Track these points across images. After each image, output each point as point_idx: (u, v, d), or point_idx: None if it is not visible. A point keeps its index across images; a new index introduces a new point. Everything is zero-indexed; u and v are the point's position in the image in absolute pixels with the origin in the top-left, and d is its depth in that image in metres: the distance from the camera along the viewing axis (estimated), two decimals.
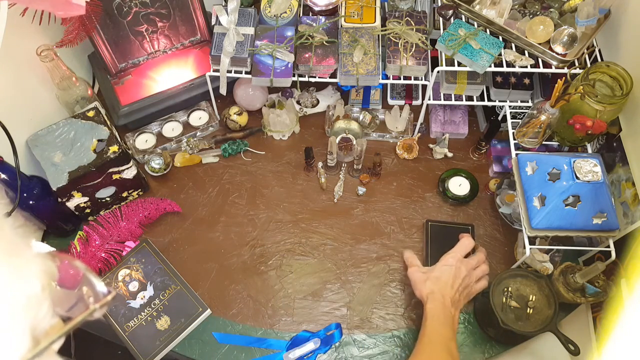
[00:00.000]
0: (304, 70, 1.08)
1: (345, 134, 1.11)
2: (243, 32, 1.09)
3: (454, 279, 0.89)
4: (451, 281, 0.89)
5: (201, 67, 1.20)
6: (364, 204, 1.11)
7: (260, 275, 1.03)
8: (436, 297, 0.87)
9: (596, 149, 1.01)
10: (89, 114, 1.02)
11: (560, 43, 0.98)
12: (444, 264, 0.92)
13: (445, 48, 1.00)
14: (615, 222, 0.87)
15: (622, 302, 0.82)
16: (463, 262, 0.92)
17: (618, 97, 0.88)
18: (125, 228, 1.04)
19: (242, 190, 1.13)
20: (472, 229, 1.05)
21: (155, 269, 1.01)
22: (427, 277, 0.90)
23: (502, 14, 1.02)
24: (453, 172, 1.12)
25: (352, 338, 0.96)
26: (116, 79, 1.18)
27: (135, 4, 1.08)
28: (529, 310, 0.88)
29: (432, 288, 0.88)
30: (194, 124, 1.19)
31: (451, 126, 1.18)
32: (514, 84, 1.11)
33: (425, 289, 0.88)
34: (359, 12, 1.12)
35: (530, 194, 0.90)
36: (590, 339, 0.87)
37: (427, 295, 0.87)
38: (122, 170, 1.01)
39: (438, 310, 0.85)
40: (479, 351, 0.95)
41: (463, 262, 0.92)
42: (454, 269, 0.90)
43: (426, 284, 0.89)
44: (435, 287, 0.88)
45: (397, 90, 1.24)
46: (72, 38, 1.02)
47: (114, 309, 0.97)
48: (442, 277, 0.89)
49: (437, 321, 0.84)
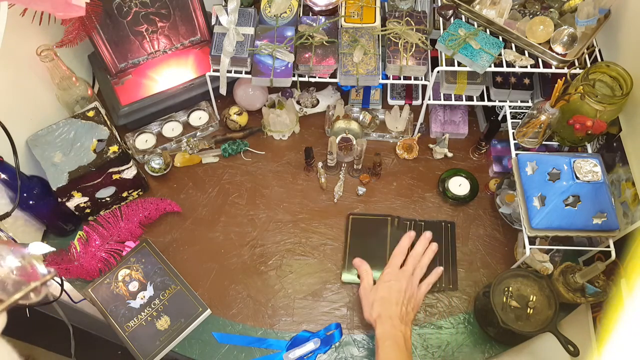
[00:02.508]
0: (304, 70, 1.08)
1: (345, 134, 1.11)
2: (243, 32, 1.09)
3: (397, 295, 0.89)
4: (394, 298, 0.88)
5: (201, 67, 1.20)
6: (364, 204, 1.11)
7: (260, 275, 1.03)
8: (384, 320, 0.86)
9: (596, 149, 1.01)
10: (89, 114, 1.02)
11: (560, 43, 0.98)
12: (384, 280, 0.91)
13: (445, 48, 1.00)
14: (615, 222, 0.87)
15: (622, 302, 0.82)
16: (400, 273, 0.92)
17: (618, 97, 0.88)
18: (125, 228, 1.04)
19: (242, 190, 1.13)
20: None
21: (155, 269, 1.01)
22: (373, 299, 0.89)
23: (502, 14, 1.02)
24: (453, 172, 1.12)
25: (352, 338, 0.96)
26: (116, 79, 1.18)
27: (135, 4, 1.08)
28: (529, 310, 0.88)
29: (379, 311, 0.87)
30: (194, 124, 1.19)
31: (451, 126, 1.18)
32: (514, 84, 1.11)
33: (373, 314, 0.87)
34: (359, 12, 1.12)
35: (530, 194, 0.90)
36: (590, 339, 0.87)
37: (375, 320, 0.87)
38: (122, 170, 1.01)
39: (388, 333, 0.84)
40: (479, 351, 0.95)
41: (400, 273, 0.92)
42: (394, 284, 0.90)
43: (373, 307, 0.88)
44: (382, 309, 0.87)
45: (397, 90, 1.24)
46: (72, 38, 1.02)
47: (114, 309, 0.97)
48: (386, 297, 0.88)
49: (390, 345, 0.83)
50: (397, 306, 0.87)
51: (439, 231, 1.06)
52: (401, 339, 0.83)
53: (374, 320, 0.87)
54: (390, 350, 0.82)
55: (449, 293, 1.00)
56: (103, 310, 0.97)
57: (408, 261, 0.95)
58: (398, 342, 0.83)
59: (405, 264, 0.94)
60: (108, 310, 0.97)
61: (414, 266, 0.94)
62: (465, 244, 1.05)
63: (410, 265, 0.94)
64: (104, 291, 0.99)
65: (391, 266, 0.94)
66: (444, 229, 1.06)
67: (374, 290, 0.91)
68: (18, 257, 0.33)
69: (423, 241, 0.98)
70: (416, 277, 0.93)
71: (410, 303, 0.89)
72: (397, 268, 0.93)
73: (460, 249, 1.05)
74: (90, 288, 0.99)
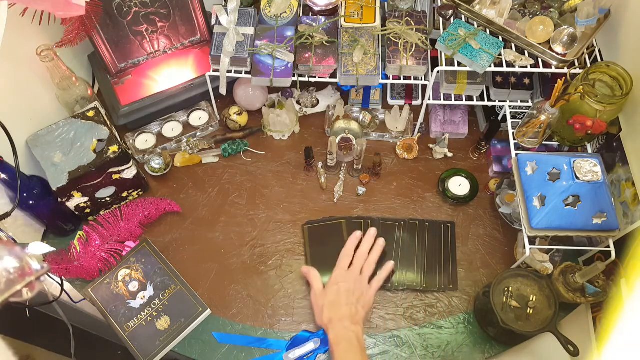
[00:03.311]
0: (304, 70, 1.08)
1: (345, 134, 1.11)
2: (243, 32, 1.09)
3: (345, 296, 0.89)
4: (344, 299, 0.88)
5: (201, 67, 1.20)
6: (364, 204, 1.11)
7: (260, 275, 1.03)
8: (334, 324, 0.86)
9: (596, 149, 1.01)
10: (89, 114, 1.02)
11: (560, 43, 0.98)
12: (332, 284, 0.91)
13: (445, 48, 1.00)
14: (615, 222, 0.87)
15: (622, 302, 0.82)
16: (347, 274, 0.92)
17: (618, 97, 0.88)
18: (125, 228, 1.04)
19: (242, 190, 1.13)
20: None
21: (155, 269, 1.01)
22: (323, 304, 0.89)
23: (502, 14, 1.02)
24: (453, 172, 1.12)
25: None
26: (116, 79, 1.18)
27: (135, 4, 1.08)
28: (529, 310, 0.88)
29: (329, 316, 0.87)
30: (194, 124, 1.19)
31: (451, 126, 1.18)
32: (514, 84, 1.11)
33: (324, 319, 0.88)
34: (359, 12, 1.12)
35: (530, 194, 0.90)
36: (590, 339, 0.87)
37: (326, 325, 0.87)
38: (122, 170, 1.01)
39: (341, 335, 0.84)
40: (479, 351, 0.95)
41: (347, 274, 0.92)
42: (342, 286, 0.90)
43: (324, 312, 0.88)
44: (332, 313, 0.87)
45: (397, 90, 1.24)
46: (72, 38, 1.02)
47: (114, 309, 0.97)
48: (335, 299, 0.89)
49: (344, 348, 0.83)
50: (347, 307, 0.87)
51: (439, 231, 1.06)
52: (354, 339, 0.84)
53: (325, 325, 0.87)
54: (345, 353, 0.82)
55: (449, 293, 1.00)
56: (103, 310, 0.97)
57: (355, 261, 0.95)
58: (352, 343, 0.83)
59: (352, 264, 0.94)
60: (108, 310, 0.97)
61: (362, 265, 0.94)
62: (465, 244, 1.05)
63: (357, 265, 0.94)
64: (104, 291, 0.99)
65: (338, 268, 0.94)
66: (443, 229, 1.06)
67: (322, 294, 0.91)
68: (14, 256, 0.33)
69: (368, 239, 0.98)
70: (365, 276, 0.93)
71: (360, 302, 0.89)
72: (345, 269, 0.93)
73: (460, 249, 1.05)
74: (90, 288, 0.99)
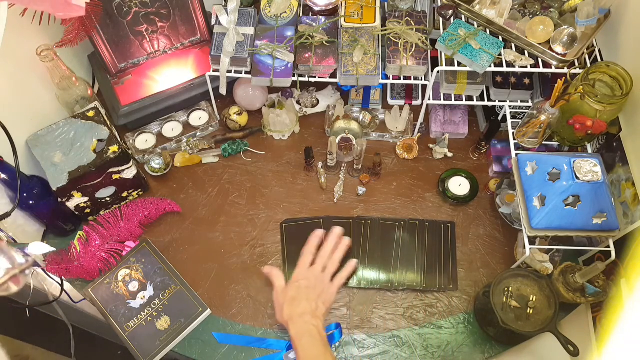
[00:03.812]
0: (304, 70, 1.08)
1: (345, 134, 1.11)
2: (243, 32, 1.09)
3: (306, 292, 0.89)
4: (304, 295, 0.88)
5: (201, 67, 1.20)
6: (364, 204, 1.11)
7: (260, 275, 1.03)
8: (295, 320, 0.86)
9: (596, 149, 1.01)
10: (89, 114, 1.02)
11: (560, 43, 0.98)
12: (293, 281, 0.91)
13: (445, 48, 1.00)
14: (615, 222, 0.87)
15: (622, 302, 0.82)
16: (309, 272, 0.92)
17: (618, 97, 0.88)
18: (125, 228, 1.04)
19: (242, 190, 1.13)
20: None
21: (155, 269, 1.01)
22: (283, 301, 0.89)
23: (502, 14, 1.02)
24: (453, 172, 1.12)
25: (352, 338, 0.97)
26: (116, 79, 1.18)
27: (135, 4, 1.08)
28: (529, 310, 0.88)
29: (289, 312, 0.87)
30: (194, 124, 1.19)
31: (451, 126, 1.18)
32: (514, 84, 1.11)
33: (285, 315, 0.88)
34: (359, 12, 1.12)
35: (530, 194, 0.90)
36: (590, 339, 0.87)
37: (287, 322, 0.87)
38: (122, 170, 1.01)
39: (302, 330, 0.84)
40: (479, 351, 0.95)
41: (309, 272, 0.92)
42: (303, 283, 0.90)
43: (284, 309, 0.88)
44: (292, 309, 0.87)
45: (397, 90, 1.24)
46: (72, 38, 1.02)
47: (114, 309, 0.97)
48: (295, 296, 0.89)
49: (306, 342, 0.83)
50: (307, 302, 0.88)
51: (439, 231, 1.06)
52: (315, 332, 0.84)
53: (286, 322, 0.87)
54: (308, 346, 0.82)
55: (449, 293, 1.00)
56: (103, 310, 0.97)
57: (317, 259, 0.95)
58: (313, 336, 0.83)
59: (315, 262, 0.94)
60: (108, 310, 0.97)
61: (324, 264, 0.94)
62: (465, 244, 1.05)
63: (319, 263, 0.94)
64: (104, 291, 0.99)
65: (300, 266, 0.94)
66: (443, 229, 1.06)
67: (284, 292, 0.91)
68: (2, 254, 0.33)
69: (332, 238, 0.97)
70: (327, 274, 0.93)
71: (320, 298, 0.89)
72: (307, 267, 0.93)
73: (460, 249, 1.05)
74: (90, 288, 0.99)
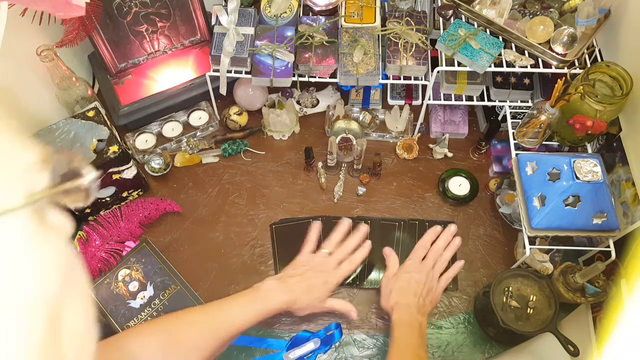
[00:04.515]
0: (304, 70, 1.08)
1: (345, 134, 1.11)
2: (243, 32, 1.09)
3: (415, 286, 0.89)
4: (413, 289, 0.89)
5: (201, 67, 1.20)
6: (364, 204, 1.11)
7: (260, 275, 1.03)
8: (401, 307, 0.87)
9: (596, 149, 1.01)
10: (89, 114, 1.02)
11: (560, 43, 0.98)
12: (405, 271, 0.92)
13: (445, 48, 1.00)
14: (615, 222, 0.87)
15: (622, 302, 0.82)
16: (421, 266, 0.93)
17: (618, 97, 0.88)
18: (125, 228, 1.04)
19: (242, 190, 1.13)
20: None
21: (155, 269, 1.01)
22: (392, 288, 0.90)
23: (502, 14, 1.02)
24: (453, 172, 1.12)
25: (352, 338, 0.96)
26: (116, 79, 1.18)
27: (135, 4, 1.08)
28: (529, 310, 0.88)
29: (396, 299, 0.88)
30: (194, 124, 1.19)
31: (451, 126, 1.18)
32: (514, 84, 1.11)
33: (390, 301, 0.89)
34: (359, 12, 1.12)
35: (530, 194, 0.90)
36: (590, 339, 0.87)
37: (392, 307, 0.88)
38: (122, 170, 1.01)
39: (404, 320, 0.85)
40: (479, 351, 0.95)
41: (421, 266, 0.93)
42: (414, 276, 0.91)
43: (391, 295, 0.89)
44: (399, 298, 0.88)
45: (397, 90, 1.24)
46: (72, 38, 1.02)
47: (114, 309, 0.97)
48: (405, 287, 0.89)
49: (405, 331, 0.84)
50: (415, 297, 0.88)
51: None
52: (417, 326, 0.84)
53: (391, 308, 0.88)
54: (405, 335, 0.83)
55: (449, 293, 1.00)
56: (103, 310, 0.97)
57: (429, 255, 0.95)
58: (414, 328, 0.84)
59: (426, 258, 0.95)
60: (108, 310, 0.97)
61: (435, 260, 0.95)
62: (465, 244, 1.05)
63: (431, 259, 0.95)
64: (104, 291, 0.99)
65: (413, 258, 0.95)
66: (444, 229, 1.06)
67: (394, 279, 0.92)
68: None
69: (445, 236, 0.98)
70: (436, 271, 0.94)
71: (428, 296, 0.90)
72: (419, 261, 0.94)
73: (460, 249, 1.04)
74: (90, 288, 0.99)
